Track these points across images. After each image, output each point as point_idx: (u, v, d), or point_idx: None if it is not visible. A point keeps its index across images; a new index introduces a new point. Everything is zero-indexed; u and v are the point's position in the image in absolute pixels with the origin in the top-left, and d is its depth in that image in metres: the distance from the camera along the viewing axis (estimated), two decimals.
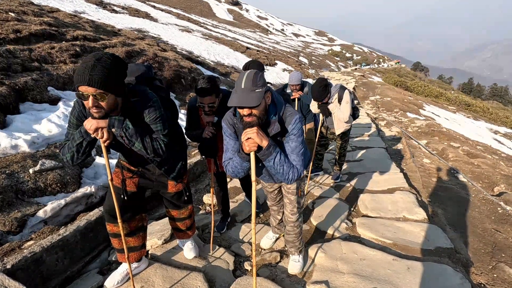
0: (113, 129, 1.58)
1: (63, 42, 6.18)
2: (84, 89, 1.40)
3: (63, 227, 2.49)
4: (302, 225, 2.24)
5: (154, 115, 1.69)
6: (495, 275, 2.43)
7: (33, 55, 4.96)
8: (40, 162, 3.00)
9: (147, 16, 24.20)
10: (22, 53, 4.86)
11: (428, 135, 8.48)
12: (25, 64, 4.59)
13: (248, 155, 1.66)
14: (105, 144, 1.58)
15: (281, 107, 1.75)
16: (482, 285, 2.30)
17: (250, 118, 1.58)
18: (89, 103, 1.44)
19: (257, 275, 2.34)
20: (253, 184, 1.65)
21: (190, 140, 2.79)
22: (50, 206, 2.68)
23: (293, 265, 2.34)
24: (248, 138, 1.57)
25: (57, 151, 1.61)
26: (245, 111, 1.57)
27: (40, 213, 2.61)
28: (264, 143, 1.59)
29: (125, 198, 1.89)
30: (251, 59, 4.07)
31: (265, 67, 15.98)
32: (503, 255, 2.70)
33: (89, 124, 1.50)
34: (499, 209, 3.61)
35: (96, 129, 1.51)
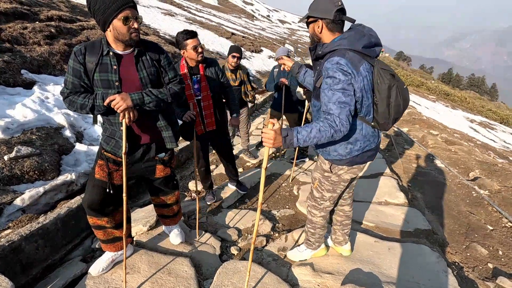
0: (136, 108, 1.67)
1: (37, 22, 5.80)
2: (131, 12, 1.56)
3: (42, 215, 2.40)
4: (318, 219, 2.11)
5: (168, 60, 1.85)
6: (468, 254, 2.58)
7: (3, 36, 4.63)
8: (15, 148, 2.86)
9: None
10: None
11: (410, 123, 8.72)
12: None
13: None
14: (128, 124, 1.64)
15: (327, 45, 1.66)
16: (457, 263, 2.43)
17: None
18: (134, 25, 1.59)
19: (244, 258, 2.38)
20: (263, 170, 1.58)
21: None
22: (28, 194, 2.57)
23: (292, 252, 2.33)
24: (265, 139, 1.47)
25: (62, 98, 1.70)
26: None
27: (18, 201, 2.50)
28: (279, 144, 1.47)
29: (111, 192, 1.82)
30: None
31: (250, 54, 15.78)
32: (476, 235, 2.87)
33: (118, 105, 1.55)
34: (473, 192, 3.80)
35: (124, 110, 1.57)
